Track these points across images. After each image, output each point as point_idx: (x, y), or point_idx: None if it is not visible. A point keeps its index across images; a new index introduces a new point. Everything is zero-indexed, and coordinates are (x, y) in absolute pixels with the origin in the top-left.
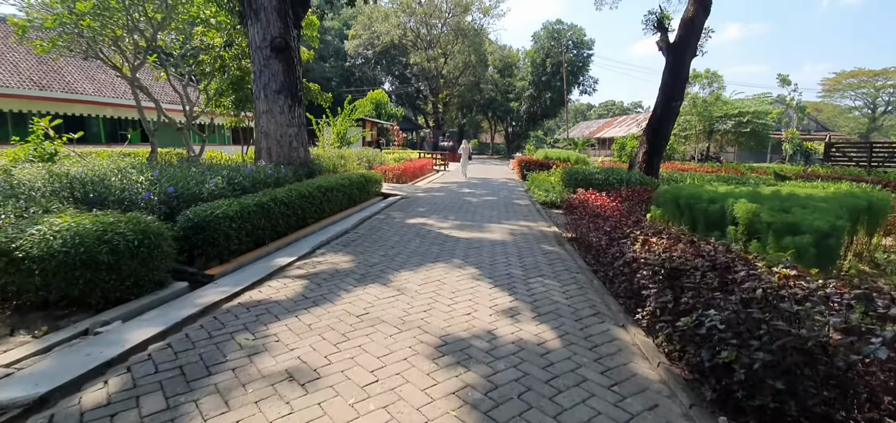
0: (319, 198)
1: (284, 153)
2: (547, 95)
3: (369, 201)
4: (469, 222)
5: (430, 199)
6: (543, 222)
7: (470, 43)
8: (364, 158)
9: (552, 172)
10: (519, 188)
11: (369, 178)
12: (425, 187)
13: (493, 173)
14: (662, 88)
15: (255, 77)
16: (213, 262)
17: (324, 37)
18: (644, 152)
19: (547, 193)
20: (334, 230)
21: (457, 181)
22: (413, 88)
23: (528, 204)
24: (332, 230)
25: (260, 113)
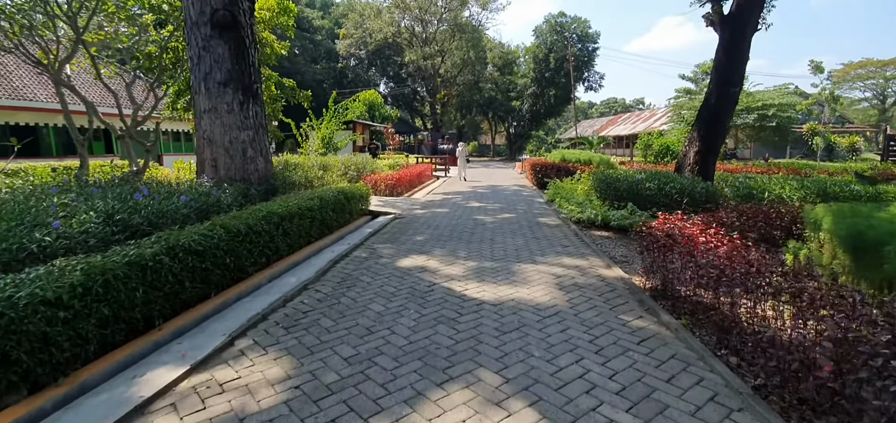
0: (268, 233)
1: (236, 165)
2: (551, 92)
3: (351, 226)
4: (489, 260)
5: (430, 219)
6: (594, 256)
7: (468, 38)
8: (352, 166)
9: (577, 178)
10: (537, 200)
11: (352, 194)
12: (424, 201)
13: (499, 178)
14: (717, 71)
15: (193, 65)
16: (12, 394)
17: (313, 37)
18: (696, 152)
19: (580, 209)
20: (286, 285)
21: (461, 191)
22: (409, 89)
23: (559, 223)
24: (284, 285)
25: (201, 112)
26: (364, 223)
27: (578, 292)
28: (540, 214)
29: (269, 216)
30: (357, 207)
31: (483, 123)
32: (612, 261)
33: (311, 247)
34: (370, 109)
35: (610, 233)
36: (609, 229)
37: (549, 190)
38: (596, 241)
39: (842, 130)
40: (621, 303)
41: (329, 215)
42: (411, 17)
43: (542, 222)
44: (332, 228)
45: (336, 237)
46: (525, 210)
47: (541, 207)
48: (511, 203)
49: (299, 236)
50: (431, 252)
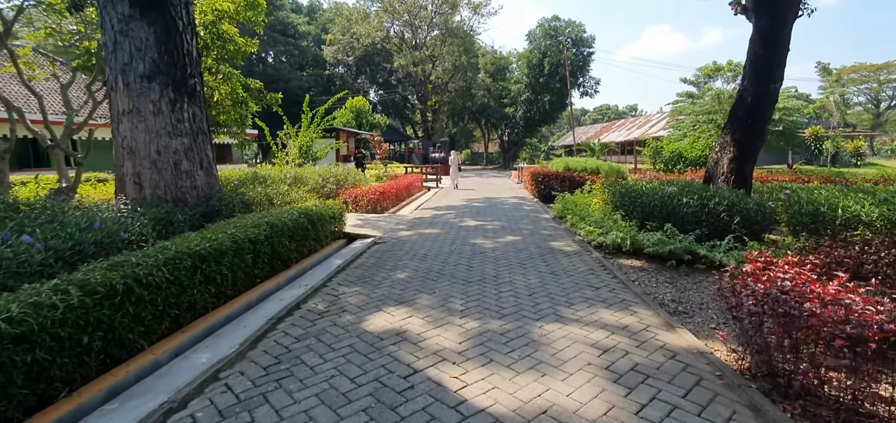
0: (171, 285)
1: (166, 182)
2: (545, 98)
3: (318, 256)
4: (496, 316)
5: (417, 244)
6: (641, 305)
7: (460, 43)
8: (331, 178)
9: (587, 190)
10: (543, 216)
11: (320, 215)
12: (412, 218)
13: (495, 189)
14: (752, 64)
15: (108, 54)
16: None
17: (299, 43)
18: (731, 159)
19: (601, 230)
20: (177, 378)
21: (454, 205)
22: (399, 96)
23: (577, 250)
24: (174, 378)
25: (119, 114)
26: (335, 251)
27: (645, 385)
28: (550, 235)
29: (177, 259)
30: (327, 230)
31: (476, 131)
32: (667, 312)
33: (252, 292)
34: (357, 117)
35: (643, 262)
36: (641, 257)
37: (556, 205)
38: (631, 276)
39: (846, 134)
40: (727, 413)
41: (284, 246)
42: (401, 22)
43: (555, 247)
44: (289, 261)
45: (295, 273)
46: (531, 230)
47: (549, 227)
48: (513, 221)
49: (235, 280)
50: (415, 302)
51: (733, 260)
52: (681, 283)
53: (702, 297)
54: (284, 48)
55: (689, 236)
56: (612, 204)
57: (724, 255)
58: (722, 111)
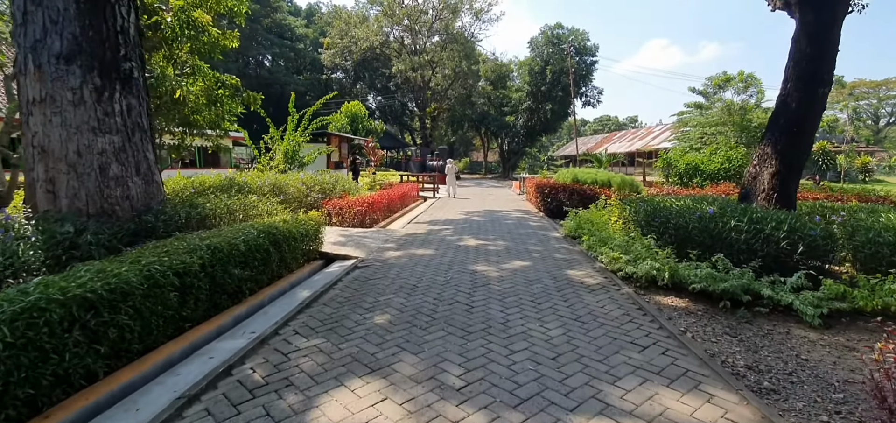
0: (15, 356)
1: (89, 190)
2: (547, 107)
3: (282, 283)
4: (510, 399)
5: (406, 271)
6: (717, 382)
7: (460, 48)
8: (316, 185)
9: (601, 205)
10: (553, 234)
11: (287, 235)
12: (403, 235)
13: (496, 201)
14: (796, 65)
15: (16, 28)
16: None
17: (295, 46)
18: (773, 174)
19: (629, 256)
20: None
21: (451, 219)
22: (398, 102)
23: (602, 282)
24: None
25: (28, 104)
26: (306, 277)
27: None
28: (565, 260)
29: (37, 311)
30: (298, 251)
31: (475, 139)
32: (752, 391)
33: (178, 343)
34: (353, 121)
35: (686, 301)
36: (682, 293)
37: (568, 222)
38: (679, 322)
39: (855, 150)
40: None
41: (231, 277)
42: (401, 27)
43: (574, 278)
44: (239, 295)
45: (246, 310)
46: (541, 253)
47: (562, 249)
48: (519, 240)
49: (147, 329)
50: (393, 368)
51: (808, 305)
52: (745, 334)
53: (784, 360)
54: (280, 51)
55: (744, 269)
56: (634, 223)
57: (795, 297)
58: (732, 123)
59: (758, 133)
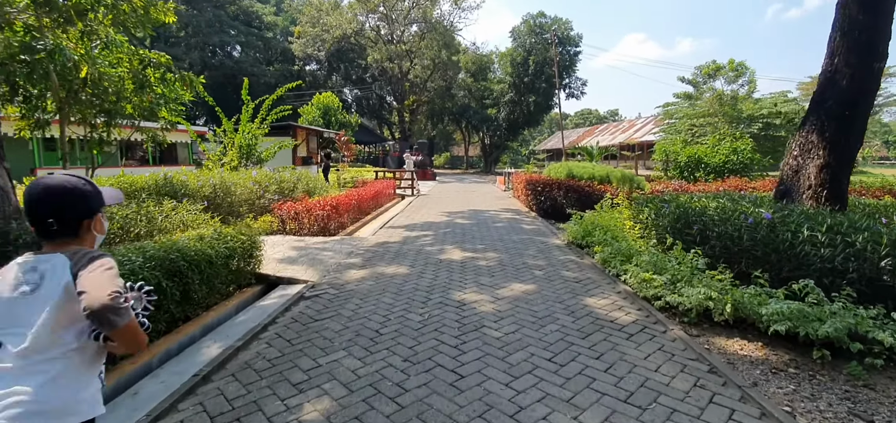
0: None
1: None
2: (530, 99)
3: (180, 335)
4: None
5: (368, 305)
6: None
7: (439, 37)
8: (271, 184)
9: (607, 206)
10: (552, 241)
11: (200, 260)
12: (372, 245)
13: (481, 199)
14: (846, 35)
15: None
16: None
17: (263, 35)
18: (821, 166)
19: (668, 281)
20: None
21: (431, 223)
22: (375, 95)
23: (637, 319)
24: None
25: None
26: (228, 317)
27: None
28: (577, 281)
29: None
30: (219, 279)
31: (456, 134)
32: None
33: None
34: (325, 114)
35: (762, 348)
36: (753, 334)
37: (571, 226)
38: (773, 392)
39: None
40: None
41: None
42: (376, 16)
43: (599, 311)
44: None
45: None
46: (545, 270)
47: (570, 264)
48: (515, 251)
49: None
50: None
51: None
52: (878, 410)
53: None
54: (248, 40)
55: (843, 302)
56: (656, 228)
57: None
58: (723, 114)
59: (752, 124)
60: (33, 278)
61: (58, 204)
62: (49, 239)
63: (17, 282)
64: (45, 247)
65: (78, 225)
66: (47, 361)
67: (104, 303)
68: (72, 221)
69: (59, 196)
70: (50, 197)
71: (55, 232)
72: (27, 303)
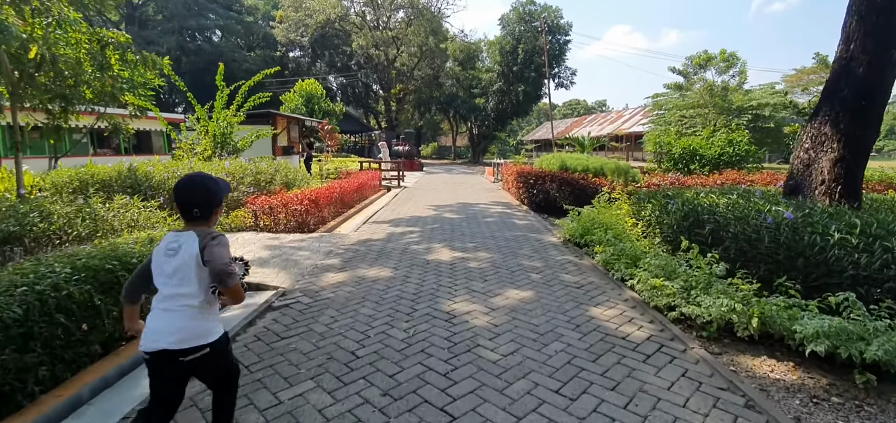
0: None
1: None
2: (519, 88)
3: (120, 359)
4: None
5: (344, 322)
6: None
7: (427, 23)
8: (246, 176)
9: (604, 200)
10: (548, 239)
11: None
12: (354, 243)
13: (470, 191)
14: (863, 19)
15: None
16: None
17: (243, 19)
18: (835, 160)
19: (682, 288)
20: None
21: (418, 218)
22: (361, 83)
23: (652, 334)
24: None
25: None
26: None
27: None
28: (580, 288)
29: None
30: None
31: (443, 123)
32: None
33: None
34: (308, 102)
35: (798, 371)
36: (780, 349)
37: (568, 223)
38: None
39: None
40: None
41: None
42: (361, 0)
43: (607, 324)
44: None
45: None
46: (544, 273)
47: (569, 265)
48: (508, 249)
49: None
50: None
51: None
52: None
53: None
54: (226, 24)
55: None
56: (660, 227)
57: None
58: (713, 105)
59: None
60: (174, 247)
61: (203, 199)
62: (189, 221)
63: (165, 248)
64: (185, 226)
65: (210, 213)
66: (187, 304)
67: (221, 269)
68: (208, 210)
69: (204, 192)
70: (199, 193)
71: (197, 217)
72: (169, 263)
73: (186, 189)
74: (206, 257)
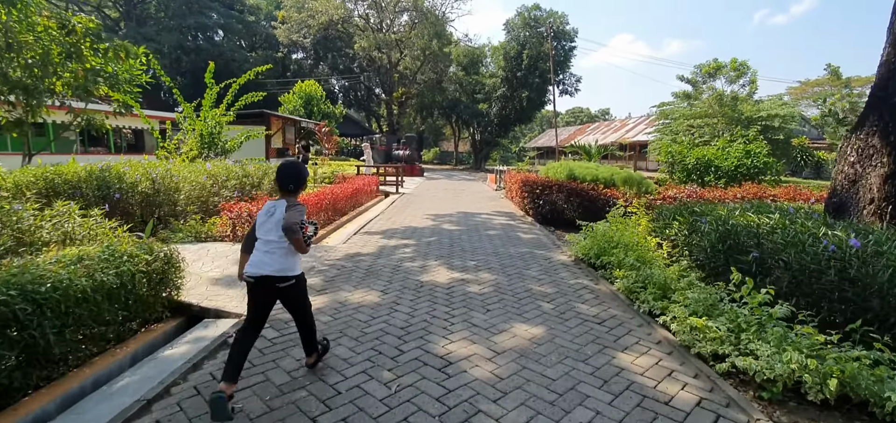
0: None
1: None
2: (523, 94)
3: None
4: None
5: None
6: None
7: (430, 26)
8: (230, 178)
9: (620, 214)
10: (557, 257)
11: (73, 297)
12: (341, 257)
13: (471, 199)
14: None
15: None
16: None
17: (245, 18)
18: (885, 176)
19: (728, 332)
20: None
21: (414, 228)
22: (363, 86)
23: (708, 398)
24: None
25: None
26: (109, 376)
27: None
28: (601, 323)
29: None
30: (112, 315)
31: (445, 129)
32: None
33: None
34: (307, 103)
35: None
36: (860, 421)
37: (581, 239)
38: None
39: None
40: None
41: None
42: (365, 2)
43: (642, 378)
44: None
45: None
46: (556, 302)
47: (585, 291)
48: (514, 270)
49: None
50: None
51: None
52: None
53: None
54: (227, 23)
55: None
56: (689, 249)
57: None
58: (722, 115)
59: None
60: (271, 210)
61: (296, 179)
62: (284, 192)
63: (266, 211)
64: (279, 195)
65: (299, 189)
66: (280, 247)
67: (288, 226)
68: (298, 187)
69: (297, 175)
70: (293, 174)
71: (290, 190)
72: (268, 221)
73: (286, 171)
74: (287, 219)
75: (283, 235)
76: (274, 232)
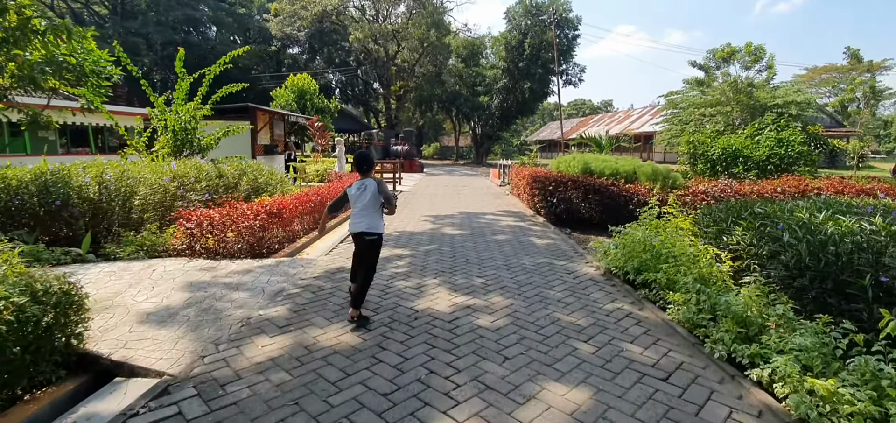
0: None
1: None
2: (525, 86)
3: None
4: None
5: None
6: None
7: (428, 15)
8: (202, 180)
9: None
10: (580, 268)
11: None
12: (319, 274)
13: (474, 197)
14: None
15: None
16: None
17: (234, 10)
18: None
19: (869, 401)
20: None
21: (410, 234)
22: (361, 81)
23: None
24: None
25: None
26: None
27: None
28: (667, 378)
29: None
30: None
31: (445, 123)
32: None
33: None
34: (300, 98)
35: None
36: None
37: (611, 248)
38: None
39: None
40: None
41: None
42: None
43: None
44: None
45: None
46: (598, 343)
47: (629, 322)
48: (533, 294)
49: None
50: None
51: None
52: None
53: None
54: (215, 15)
55: None
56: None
57: None
58: (737, 102)
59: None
60: (363, 187)
61: (369, 162)
62: (364, 174)
63: (357, 187)
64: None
65: (371, 170)
66: (369, 211)
67: (388, 195)
68: (370, 169)
69: (370, 160)
70: (368, 161)
71: (365, 171)
72: (362, 193)
73: (362, 157)
74: (381, 191)
75: (375, 204)
76: (369, 200)
